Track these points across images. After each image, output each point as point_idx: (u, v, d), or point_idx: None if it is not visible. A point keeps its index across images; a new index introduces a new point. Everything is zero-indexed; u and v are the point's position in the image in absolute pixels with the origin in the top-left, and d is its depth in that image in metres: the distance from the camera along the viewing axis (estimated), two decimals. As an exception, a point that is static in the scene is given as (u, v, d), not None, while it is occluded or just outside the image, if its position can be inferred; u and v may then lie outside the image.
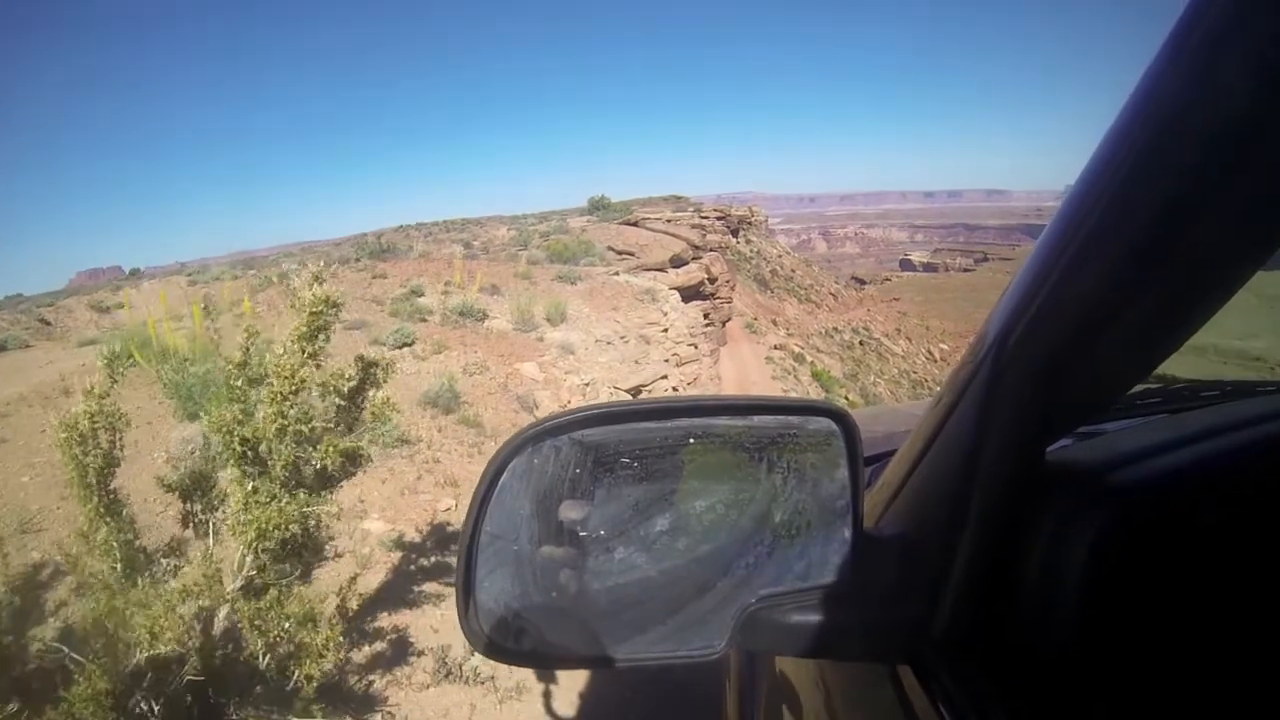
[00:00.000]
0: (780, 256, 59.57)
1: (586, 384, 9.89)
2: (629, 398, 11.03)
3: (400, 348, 10.47)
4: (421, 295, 13.52)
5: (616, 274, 15.58)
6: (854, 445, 0.74)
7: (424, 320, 11.94)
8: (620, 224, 23.66)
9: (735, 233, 49.20)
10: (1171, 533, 0.65)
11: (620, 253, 20.37)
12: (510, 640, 0.73)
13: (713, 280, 22.35)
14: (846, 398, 28.20)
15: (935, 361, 48.89)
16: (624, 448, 0.72)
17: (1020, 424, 0.62)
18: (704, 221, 32.19)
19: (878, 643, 0.75)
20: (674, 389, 11.90)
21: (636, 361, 11.65)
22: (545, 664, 0.93)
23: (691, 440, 0.74)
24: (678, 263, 20.95)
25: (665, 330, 13.43)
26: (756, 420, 0.78)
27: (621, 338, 12.20)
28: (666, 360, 12.55)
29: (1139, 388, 0.93)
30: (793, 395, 23.76)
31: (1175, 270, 0.48)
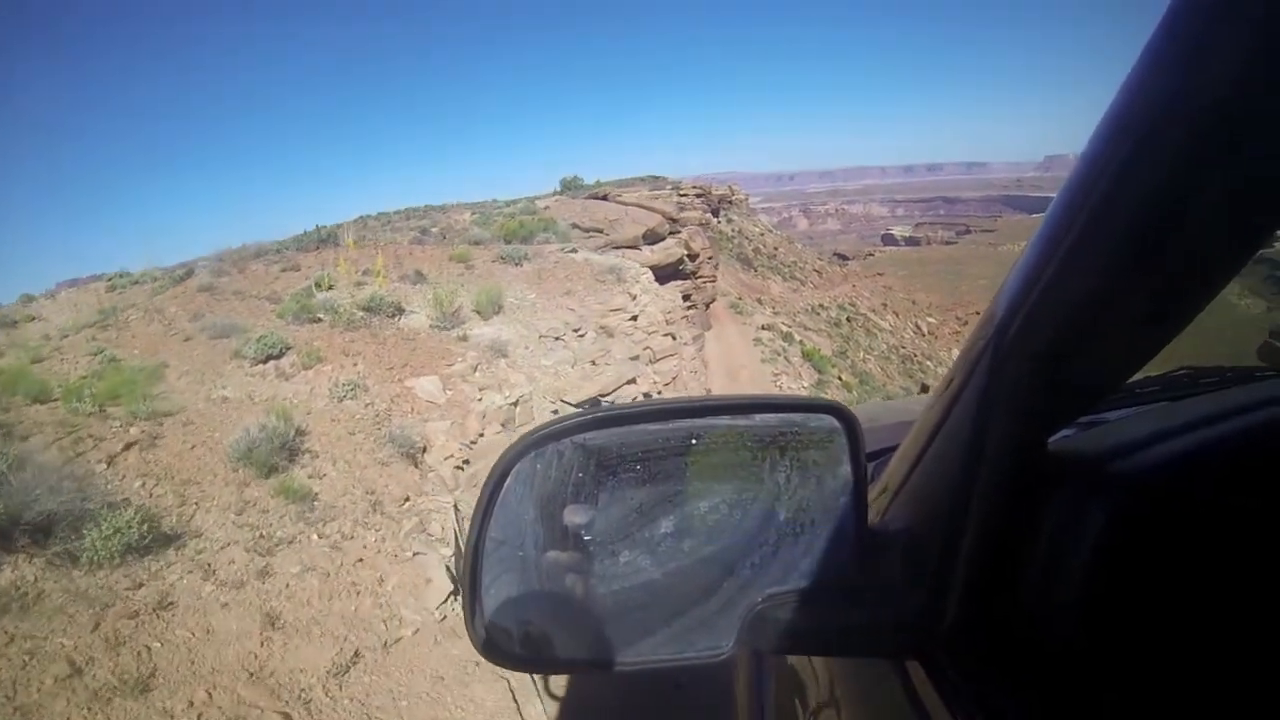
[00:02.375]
0: (762, 235, 57.32)
1: (514, 402, 6.87)
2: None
3: (264, 361, 7.42)
4: (330, 289, 10.48)
5: (574, 251, 12.46)
6: (856, 442, 0.73)
7: (316, 321, 8.93)
8: (587, 198, 20.42)
9: (716, 212, 46.68)
10: (1174, 519, 0.64)
11: (587, 230, 17.33)
12: (517, 646, 0.71)
13: (693, 257, 19.26)
14: (840, 377, 25.87)
15: (923, 335, 47.59)
16: (626, 450, 0.71)
17: (1022, 415, 0.61)
18: (683, 199, 29.11)
19: (885, 639, 0.73)
20: (645, 395, 8.87)
21: (594, 362, 8.63)
22: (552, 669, 0.79)
23: (694, 441, 0.73)
24: (653, 239, 17.86)
25: (634, 318, 10.38)
26: (758, 419, 0.76)
27: (575, 331, 9.16)
28: (635, 357, 9.52)
29: (1139, 375, 0.79)
30: (784, 376, 21.53)
31: (1172, 257, 0.47)
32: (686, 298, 18.34)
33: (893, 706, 0.76)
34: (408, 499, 5.02)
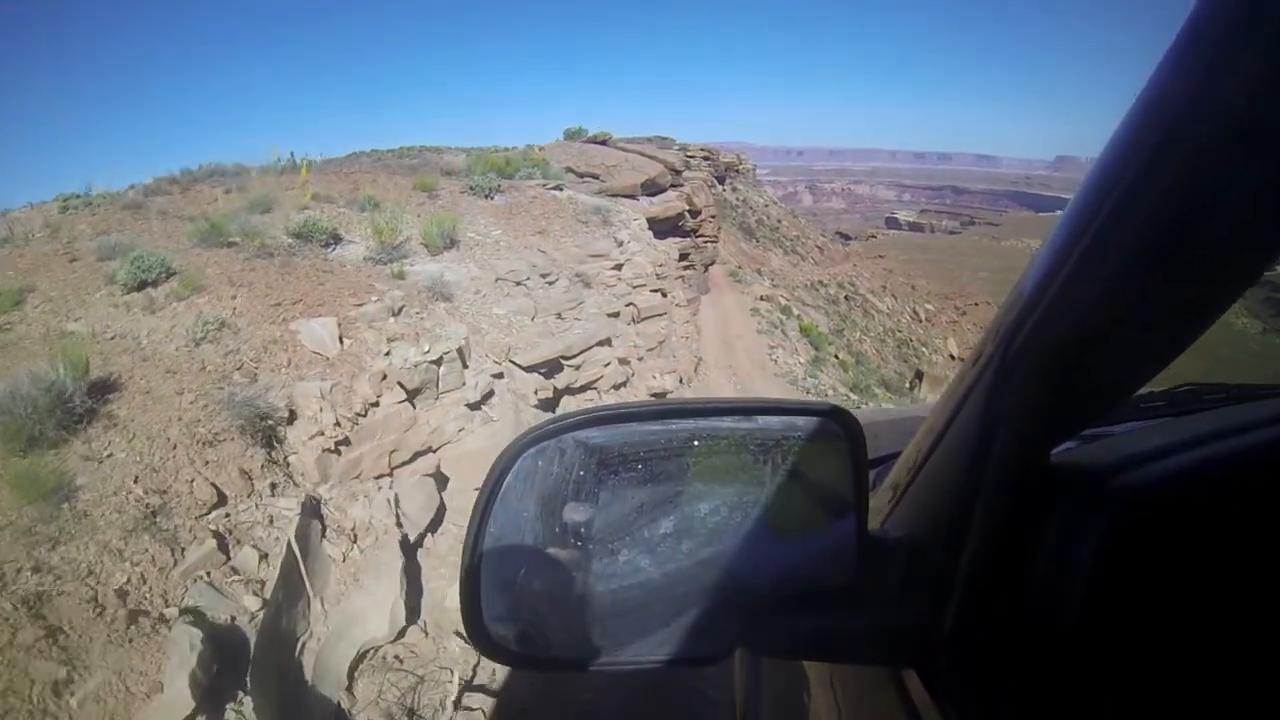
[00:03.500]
0: (767, 206, 55.55)
1: (437, 359, 5.14)
2: (531, 386, 6.32)
3: (138, 289, 5.67)
4: (266, 212, 8.76)
5: (559, 188, 10.60)
6: (858, 447, 0.72)
7: (229, 245, 7.17)
8: (585, 142, 18.37)
9: (722, 179, 44.88)
10: (1175, 535, 0.64)
11: (581, 174, 15.47)
12: (515, 644, 0.71)
13: (695, 213, 17.37)
14: (837, 356, 24.47)
15: (920, 321, 46.58)
16: (628, 450, 0.71)
17: (1026, 426, 0.60)
18: (690, 159, 27.07)
19: (883, 646, 0.72)
20: (622, 361, 7.16)
21: (560, 315, 6.89)
22: (550, 667, 0.76)
23: (696, 442, 0.72)
24: (652, 189, 15.99)
25: (618, 267, 8.61)
26: (760, 422, 0.75)
27: (544, 276, 7.40)
28: (615, 314, 7.79)
29: (1144, 390, 0.75)
30: (780, 350, 20.01)
31: (1180, 274, 0.46)
32: (684, 256, 16.54)
33: (889, 713, 0.74)
34: (220, 503, 3.33)
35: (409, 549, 4.39)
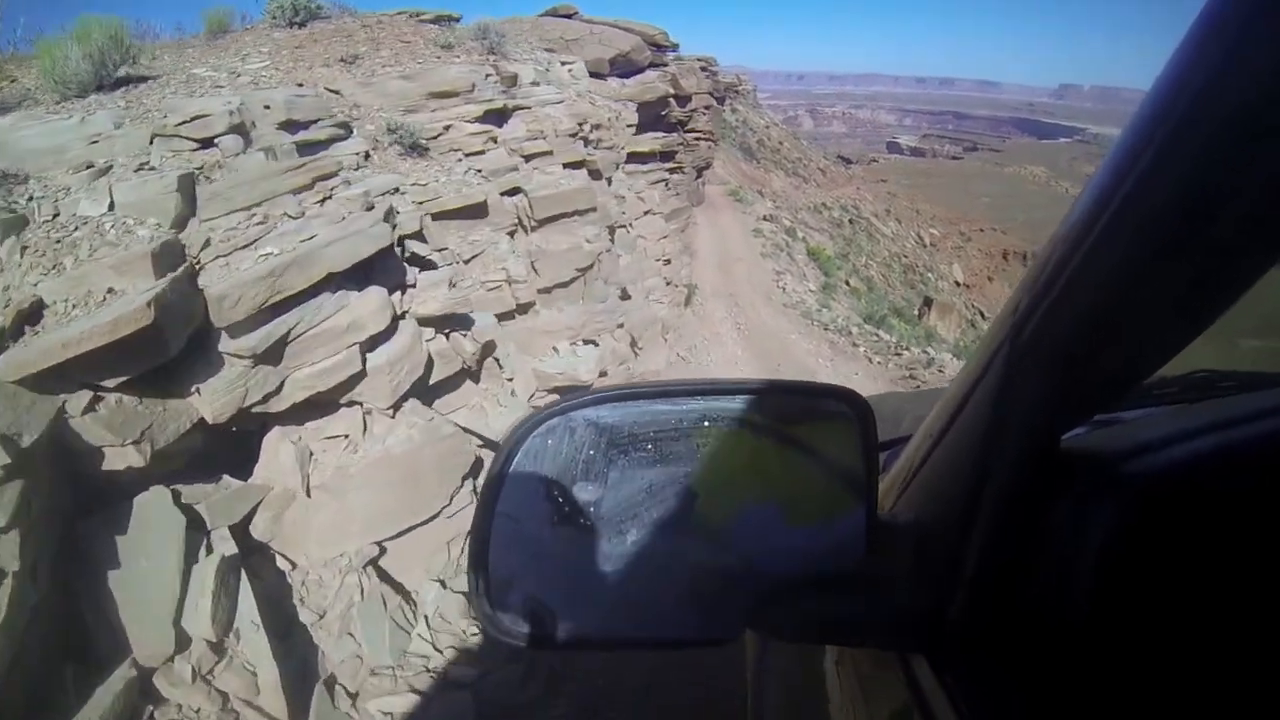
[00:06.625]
0: (767, 127, 50.45)
1: None
2: None
3: None
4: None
5: (448, 20, 6.22)
6: (868, 429, 0.69)
7: None
8: (543, 15, 13.54)
9: (722, 100, 39.70)
10: (1186, 522, 0.61)
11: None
12: (524, 624, 0.68)
13: (683, 99, 12.81)
14: (847, 281, 21.69)
15: (925, 246, 42.68)
16: (638, 430, 0.68)
17: (1036, 411, 0.58)
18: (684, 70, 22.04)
19: (891, 630, 0.70)
20: (443, 328, 3.12)
21: (253, 210, 2.77)
22: (557, 647, 0.75)
23: (706, 423, 0.69)
24: (626, 69, 11.47)
25: (494, 116, 4.31)
26: (771, 402, 0.72)
27: (295, 128, 3.23)
28: (465, 208, 3.62)
29: (1156, 376, 0.70)
30: (787, 275, 16.25)
31: (1194, 259, 0.44)
32: (669, 156, 12.11)
33: (897, 697, 0.71)
34: None
35: None
